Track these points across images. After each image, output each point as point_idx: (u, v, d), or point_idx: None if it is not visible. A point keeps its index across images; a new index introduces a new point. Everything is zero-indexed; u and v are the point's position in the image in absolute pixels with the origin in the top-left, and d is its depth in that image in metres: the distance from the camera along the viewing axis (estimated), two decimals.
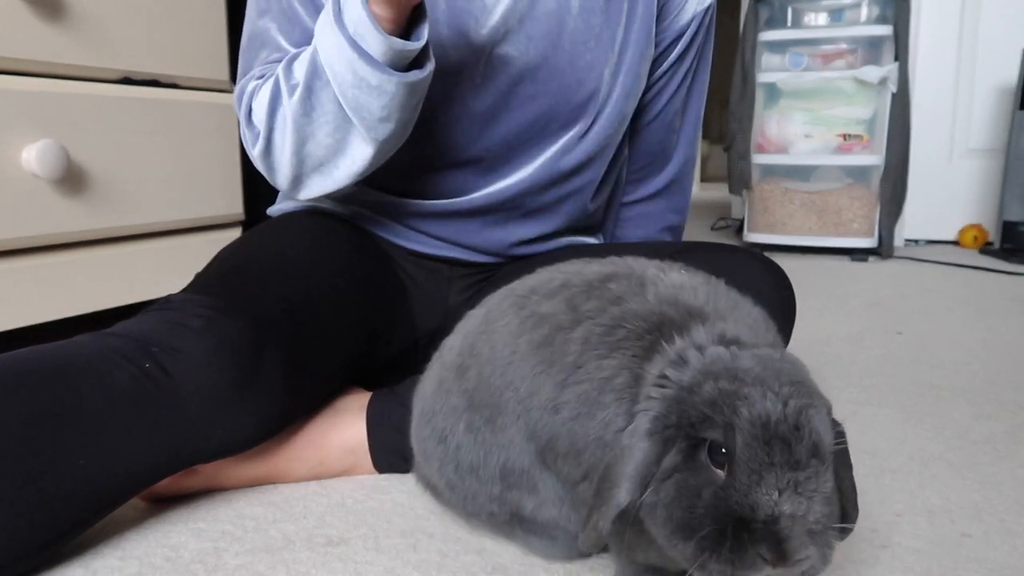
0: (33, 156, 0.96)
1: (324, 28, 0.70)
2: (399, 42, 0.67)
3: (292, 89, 0.74)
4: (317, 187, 0.80)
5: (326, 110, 0.73)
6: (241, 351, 0.65)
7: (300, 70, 0.74)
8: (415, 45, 0.68)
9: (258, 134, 0.78)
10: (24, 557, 0.55)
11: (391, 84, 0.68)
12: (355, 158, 0.76)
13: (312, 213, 0.90)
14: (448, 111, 0.83)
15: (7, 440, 0.54)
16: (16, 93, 0.96)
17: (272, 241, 0.82)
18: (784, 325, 0.81)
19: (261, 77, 0.80)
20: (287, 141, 0.76)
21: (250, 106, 0.79)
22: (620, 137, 0.94)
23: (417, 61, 0.71)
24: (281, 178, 0.80)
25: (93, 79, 1.07)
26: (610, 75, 0.88)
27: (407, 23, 0.69)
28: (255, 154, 0.80)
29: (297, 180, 0.79)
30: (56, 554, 0.59)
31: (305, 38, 0.79)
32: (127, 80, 1.12)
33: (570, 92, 0.86)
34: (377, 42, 0.67)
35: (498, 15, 0.81)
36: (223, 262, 0.79)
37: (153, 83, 1.16)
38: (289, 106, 0.74)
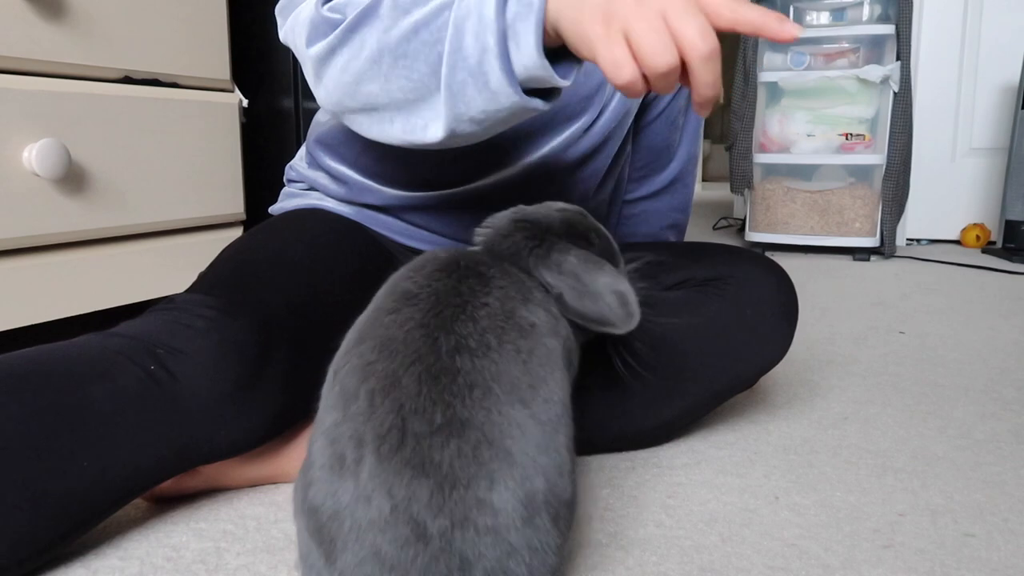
0: (34, 155, 0.96)
1: None
2: (548, 69, 0.55)
3: (396, 18, 0.61)
4: (362, 126, 0.68)
5: (415, 68, 0.60)
6: (245, 352, 0.65)
7: (419, 8, 0.60)
8: (561, 82, 0.57)
9: (324, 34, 0.65)
10: (27, 558, 0.55)
11: (509, 100, 0.58)
12: (416, 130, 0.64)
13: (314, 212, 0.90)
14: None
15: (10, 440, 0.53)
16: (17, 92, 0.96)
17: (274, 240, 0.82)
18: (786, 325, 0.81)
19: None
20: (351, 67, 0.64)
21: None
22: (624, 132, 0.94)
23: (544, 92, 0.60)
24: (324, 93, 0.68)
25: (94, 78, 1.07)
26: None
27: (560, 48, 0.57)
28: (310, 54, 0.65)
29: (340, 106, 0.68)
30: (57, 554, 0.59)
31: None
32: (128, 79, 1.12)
33: (577, 83, 0.85)
34: (529, 57, 0.55)
35: None
36: (225, 262, 0.79)
37: (154, 82, 1.16)
38: (380, 33, 0.61)
